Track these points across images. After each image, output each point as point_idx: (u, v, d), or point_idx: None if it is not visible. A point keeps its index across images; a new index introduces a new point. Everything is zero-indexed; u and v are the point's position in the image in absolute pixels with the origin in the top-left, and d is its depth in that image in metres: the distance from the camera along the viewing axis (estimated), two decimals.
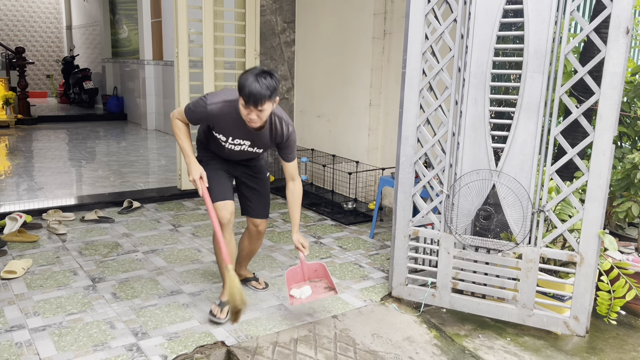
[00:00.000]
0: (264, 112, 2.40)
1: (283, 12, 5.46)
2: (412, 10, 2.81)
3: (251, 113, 2.39)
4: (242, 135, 2.61)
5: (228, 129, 2.60)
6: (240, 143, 2.65)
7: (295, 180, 2.77)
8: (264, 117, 2.43)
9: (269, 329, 2.71)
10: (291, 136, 2.67)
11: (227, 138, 2.63)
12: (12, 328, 2.63)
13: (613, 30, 2.41)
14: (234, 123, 2.55)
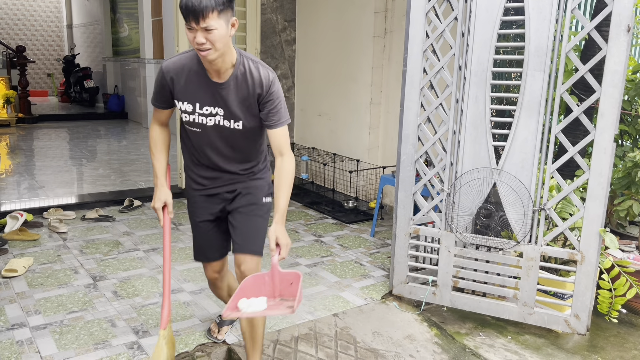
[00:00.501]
0: (213, 33, 1.77)
1: (284, 11, 5.46)
2: (413, 8, 2.80)
3: (196, 35, 1.78)
4: (209, 99, 1.98)
5: (191, 92, 1.98)
6: (212, 112, 1.99)
7: (284, 156, 2.02)
8: (218, 43, 1.80)
9: (269, 327, 2.71)
10: (274, 85, 1.96)
11: (194, 108, 1.99)
12: (13, 326, 2.64)
13: (614, 28, 2.40)
14: (195, 78, 1.96)
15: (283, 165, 2.01)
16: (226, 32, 1.82)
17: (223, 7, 1.77)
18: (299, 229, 4.32)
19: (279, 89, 2.00)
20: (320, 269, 3.50)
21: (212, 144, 2.09)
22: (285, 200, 2.00)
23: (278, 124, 2.01)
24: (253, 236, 2.15)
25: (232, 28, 1.85)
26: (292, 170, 2.03)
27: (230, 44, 1.89)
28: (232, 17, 1.84)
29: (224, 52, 1.87)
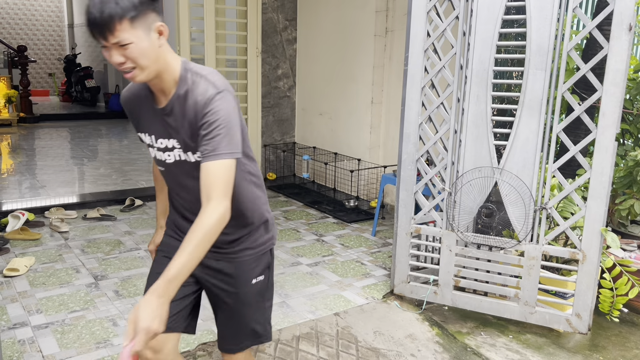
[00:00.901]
0: (130, 48, 1.35)
1: (285, 10, 5.46)
2: (414, 7, 2.80)
3: (111, 53, 1.37)
4: (161, 130, 1.53)
5: (146, 122, 1.57)
6: (167, 146, 1.53)
7: (210, 202, 1.37)
8: (141, 59, 1.38)
9: None
10: (212, 103, 1.40)
11: (151, 139, 1.57)
12: (15, 325, 2.64)
13: (616, 27, 2.40)
14: (146, 105, 1.55)
15: (201, 216, 1.36)
16: (149, 43, 1.38)
17: (136, 13, 1.33)
18: (300, 228, 4.32)
19: (224, 110, 1.40)
20: (321, 268, 3.50)
21: (180, 189, 1.60)
22: (182, 264, 1.32)
23: (211, 156, 1.37)
24: (234, 332, 1.70)
25: (160, 36, 1.41)
26: (211, 225, 1.35)
27: (167, 57, 1.44)
28: (155, 23, 1.40)
29: (159, 69, 1.42)
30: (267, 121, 5.59)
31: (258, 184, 1.64)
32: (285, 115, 5.72)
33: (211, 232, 1.36)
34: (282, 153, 5.70)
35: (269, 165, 5.66)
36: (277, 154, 5.69)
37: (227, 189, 1.39)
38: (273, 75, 5.53)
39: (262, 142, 5.58)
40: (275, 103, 5.61)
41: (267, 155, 5.64)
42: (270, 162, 5.67)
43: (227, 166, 1.39)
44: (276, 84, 5.57)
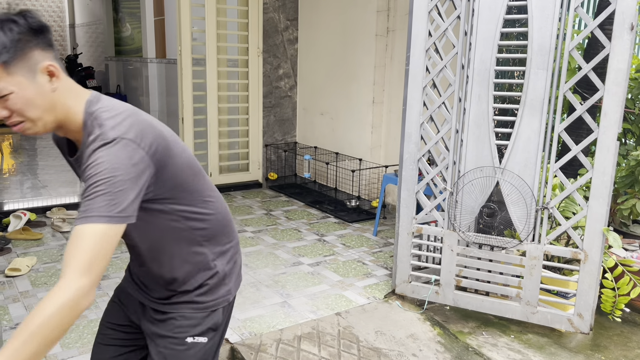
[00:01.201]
0: (11, 99, 1.11)
1: (286, 10, 5.46)
2: (415, 7, 2.80)
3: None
4: (80, 179, 1.28)
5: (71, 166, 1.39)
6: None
7: (62, 279, 1.04)
8: (29, 110, 1.14)
9: (272, 326, 2.71)
10: (97, 156, 1.11)
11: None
12: (16, 325, 2.64)
13: (617, 27, 2.40)
14: (64, 150, 1.41)
15: (48, 296, 1.03)
16: (36, 89, 1.13)
17: (10, 56, 1.09)
18: (301, 228, 4.32)
19: (109, 162, 1.08)
20: (323, 268, 3.50)
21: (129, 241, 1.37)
22: (6, 354, 0.97)
23: (81, 219, 1.07)
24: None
25: (51, 79, 1.15)
26: (52, 312, 1.00)
27: (67, 102, 1.18)
28: (42, 63, 1.14)
29: (58, 119, 1.19)
30: (269, 121, 5.59)
31: (209, 238, 1.35)
32: (287, 115, 5.71)
33: (52, 321, 1.00)
34: (283, 153, 5.70)
35: (270, 165, 5.66)
36: (279, 153, 5.69)
37: (90, 263, 1.03)
38: (274, 75, 5.53)
39: (263, 142, 5.59)
40: (277, 103, 5.61)
41: (268, 155, 5.64)
42: (272, 162, 5.67)
43: (98, 233, 1.04)
44: (277, 83, 5.57)
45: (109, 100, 1.21)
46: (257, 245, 3.89)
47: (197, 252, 1.35)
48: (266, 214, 4.68)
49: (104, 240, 1.06)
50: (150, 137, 1.16)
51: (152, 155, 1.15)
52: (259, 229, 4.24)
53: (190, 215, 1.31)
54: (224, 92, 5.33)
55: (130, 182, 1.09)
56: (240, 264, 1.49)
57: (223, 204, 1.42)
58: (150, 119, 1.22)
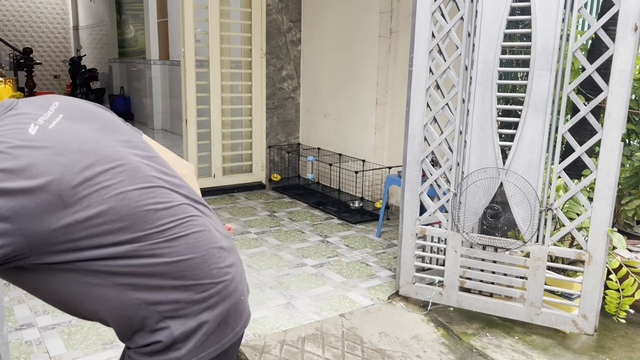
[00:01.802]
0: None
1: (289, 11, 5.47)
2: (418, 8, 2.80)
3: None
4: None
5: None
6: None
7: None
8: None
9: (276, 328, 2.71)
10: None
11: None
12: (22, 327, 2.65)
13: (621, 28, 2.40)
14: None
15: None
16: None
17: None
18: (304, 229, 4.32)
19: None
20: (326, 269, 3.50)
21: None
22: None
23: None
24: None
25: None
26: None
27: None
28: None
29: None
30: (272, 122, 5.60)
31: (152, 287, 0.98)
32: (290, 116, 5.72)
33: None
34: (286, 154, 5.70)
35: (274, 166, 5.67)
36: (282, 155, 5.70)
37: None
38: (277, 76, 5.53)
39: (266, 143, 5.59)
40: (280, 104, 5.62)
41: (271, 156, 5.64)
42: (275, 163, 5.68)
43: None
44: (280, 85, 5.58)
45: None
46: (261, 246, 3.89)
47: (135, 300, 1.01)
48: (270, 215, 4.69)
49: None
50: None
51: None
52: (263, 230, 4.25)
53: (129, 258, 0.98)
54: (227, 93, 5.34)
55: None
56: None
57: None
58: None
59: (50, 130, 0.93)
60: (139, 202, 0.96)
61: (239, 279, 1.12)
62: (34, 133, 0.91)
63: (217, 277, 1.05)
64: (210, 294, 1.04)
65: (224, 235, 1.13)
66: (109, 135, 1.01)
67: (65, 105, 1.03)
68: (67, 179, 0.88)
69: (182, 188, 1.08)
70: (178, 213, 1.02)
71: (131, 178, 0.97)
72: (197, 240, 1.03)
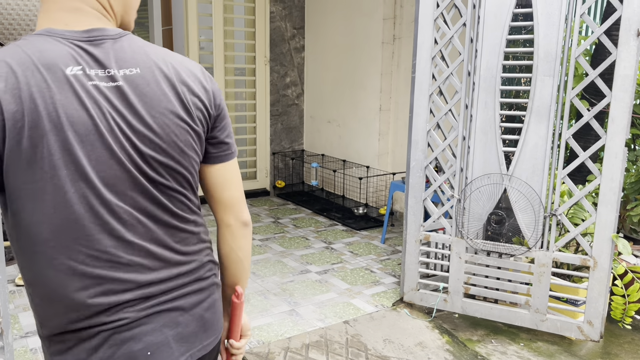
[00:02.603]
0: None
1: (293, 19, 5.49)
2: (421, 14, 2.81)
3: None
4: None
5: None
6: None
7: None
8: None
9: (280, 335, 2.71)
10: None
11: None
12: (27, 334, 2.66)
13: (624, 33, 2.39)
14: None
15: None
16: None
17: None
18: (309, 236, 4.32)
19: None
20: (330, 276, 3.50)
21: None
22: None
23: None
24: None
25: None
26: None
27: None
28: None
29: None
30: (276, 129, 5.61)
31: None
32: (294, 122, 5.73)
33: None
34: (290, 161, 5.71)
35: (278, 172, 5.68)
36: (286, 161, 5.71)
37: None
38: (281, 83, 5.55)
39: (270, 149, 5.61)
40: (284, 111, 5.64)
41: (275, 163, 5.65)
42: (279, 169, 5.69)
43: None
44: (284, 92, 5.60)
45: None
46: (265, 253, 3.89)
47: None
48: (274, 222, 4.69)
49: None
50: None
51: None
52: (267, 237, 4.25)
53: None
54: (231, 100, 5.36)
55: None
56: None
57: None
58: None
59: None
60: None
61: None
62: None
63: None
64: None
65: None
66: None
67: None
68: None
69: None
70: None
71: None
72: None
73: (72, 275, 0.90)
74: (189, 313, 1.02)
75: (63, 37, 0.89)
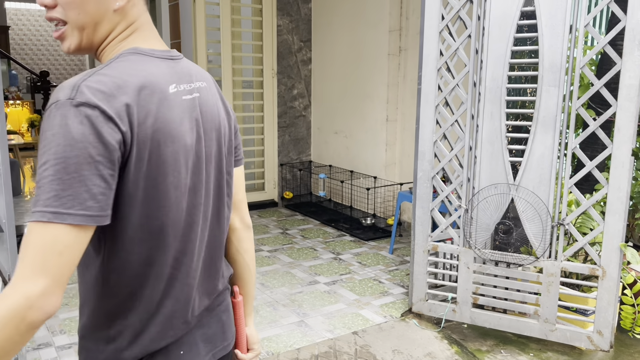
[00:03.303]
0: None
1: (299, 32, 5.55)
2: (426, 27, 2.84)
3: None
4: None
5: None
6: None
7: (9, 283, 0.79)
8: (73, 10, 0.92)
9: (289, 346, 2.72)
10: (45, 128, 0.82)
11: None
12: (39, 346, 2.69)
13: (628, 43, 2.41)
14: None
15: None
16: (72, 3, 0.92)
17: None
18: (317, 246, 4.34)
19: (55, 135, 0.81)
20: (339, 286, 3.51)
21: None
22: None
23: (31, 214, 0.81)
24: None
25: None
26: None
27: (117, 27, 0.96)
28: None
29: (99, 38, 0.96)
30: (284, 140, 5.65)
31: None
32: (301, 134, 5.77)
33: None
34: (298, 172, 5.74)
35: (286, 184, 5.71)
36: (294, 172, 5.74)
37: (33, 267, 0.78)
38: (288, 95, 5.60)
39: (278, 161, 5.64)
40: (291, 122, 5.68)
41: (283, 174, 5.69)
42: (287, 180, 5.72)
43: (43, 234, 0.78)
44: (292, 103, 5.64)
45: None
46: (274, 264, 3.91)
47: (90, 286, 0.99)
48: (282, 233, 4.72)
49: (48, 241, 0.79)
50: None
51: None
52: (275, 248, 4.27)
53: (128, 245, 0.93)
54: (239, 113, 5.41)
55: (80, 164, 0.80)
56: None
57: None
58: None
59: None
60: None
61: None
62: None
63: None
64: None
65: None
66: None
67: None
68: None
69: None
70: None
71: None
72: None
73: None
74: (210, 315, 1.08)
75: (155, 56, 0.96)
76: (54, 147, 0.80)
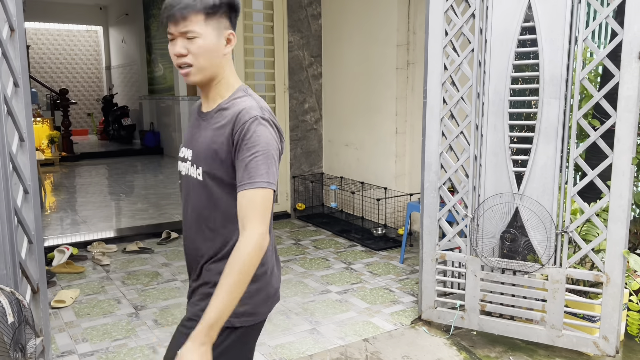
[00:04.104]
0: (195, 42, 1.36)
1: (310, 47, 5.69)
2: (430, 43, 2.95)
3: (174, 43, 1.39)
4: (188, 137, 1.55)
5: (188, 128, 1.60)
6: (184, 156, 1.52)
7: (245, 231, 1.31)
8: (202, 58, 1.37)
9: (302, 352, 2.81)
10: (250, 127, 1.36)
11: (181, 148, 1.58)
12: (63, 354, 2.81)
13: (625, 56, 2.49)
14: (195, 111, 1.58)
15: (237, 247, 1.30)
16: (215, 44, 1.38)
17: (212, 12, 1.36)
18: (329, 257, 4.43)
19: (261, 136, 1.35)
20: (350, 295, 3.59)
21: (186, 206, 1.53)
22: (221, 304, 1.26)
23: (246, 185, 1.31)
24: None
25: (227, 44, 1.42)
26: (244, 256, 1.27)
27: (226, 68, 1.45)
28: (227, 30, 1.41)
29: (214, 76, 1.43)
30: (296, 153, 5.77)
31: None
32: (313, 147, 5.89)
33: (247, 263, 1.27)
34: (310, 184, 5.85)
35: (298, 195, 5.82)
36: (306, 184, 5.85)
37: (262, 217, 1.31)
38: (300, 109, 5.73)
39: (291, 173, 5.76)
40: (303, 136, 5.80)
41: (296, 186, 5.80)
42: (299, 192, 5.83)
43: (264, 196, 1.32)
44: (303, 117, 5.77)
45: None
46: (287, 274, 4.01)
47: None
48: (295, 243, 4.82)
49: (268, 201, 1.34)
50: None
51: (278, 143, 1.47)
52: (288, 259, 4.37)
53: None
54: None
55: (275, 157, 1.39)
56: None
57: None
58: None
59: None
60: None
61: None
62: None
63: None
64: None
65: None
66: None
67: None
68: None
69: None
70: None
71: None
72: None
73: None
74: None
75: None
76: (262, 142, 1.36)
